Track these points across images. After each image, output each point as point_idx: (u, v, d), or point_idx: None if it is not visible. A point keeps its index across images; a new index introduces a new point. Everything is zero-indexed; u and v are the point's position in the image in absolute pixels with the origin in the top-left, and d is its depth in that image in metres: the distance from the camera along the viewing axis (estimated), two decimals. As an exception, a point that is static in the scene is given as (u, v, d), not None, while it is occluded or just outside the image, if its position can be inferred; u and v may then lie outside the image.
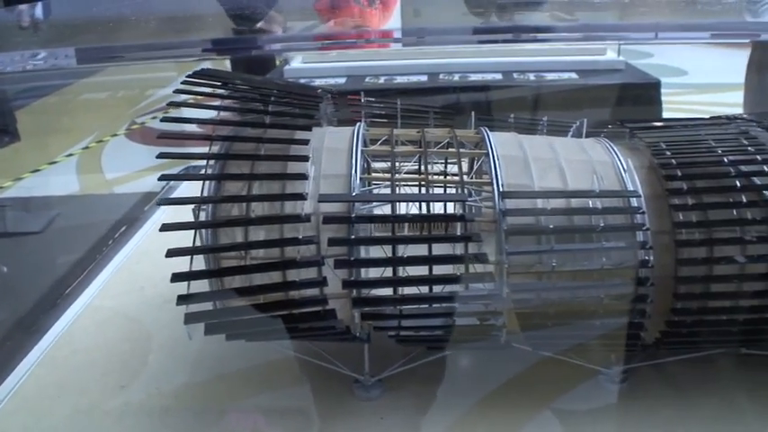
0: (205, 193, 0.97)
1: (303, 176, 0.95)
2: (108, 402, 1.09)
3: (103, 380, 1.14)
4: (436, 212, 0.96)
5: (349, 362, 1.09)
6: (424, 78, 2.31)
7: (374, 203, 0.97)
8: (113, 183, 2.54)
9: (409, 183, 1.02)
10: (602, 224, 0.93)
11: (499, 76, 2.30)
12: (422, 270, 0.93)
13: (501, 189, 0.95)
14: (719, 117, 1.17)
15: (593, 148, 1.05)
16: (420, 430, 1.01)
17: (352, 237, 0.91)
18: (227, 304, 0.95)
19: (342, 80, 2.30)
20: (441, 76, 2.32)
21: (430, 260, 0.91)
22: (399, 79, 2.30)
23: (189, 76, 1.07)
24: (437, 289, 0.94)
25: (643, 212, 0.93)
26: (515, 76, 2.30)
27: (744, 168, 0.97)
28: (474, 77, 2.31)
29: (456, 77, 2.31)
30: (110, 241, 1.58)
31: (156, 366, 1.17)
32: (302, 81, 2.33)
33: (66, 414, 1.07)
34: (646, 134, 1.05)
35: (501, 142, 1.04)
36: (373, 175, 0.99)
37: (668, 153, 1.00)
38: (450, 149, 1.03)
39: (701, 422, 1.02)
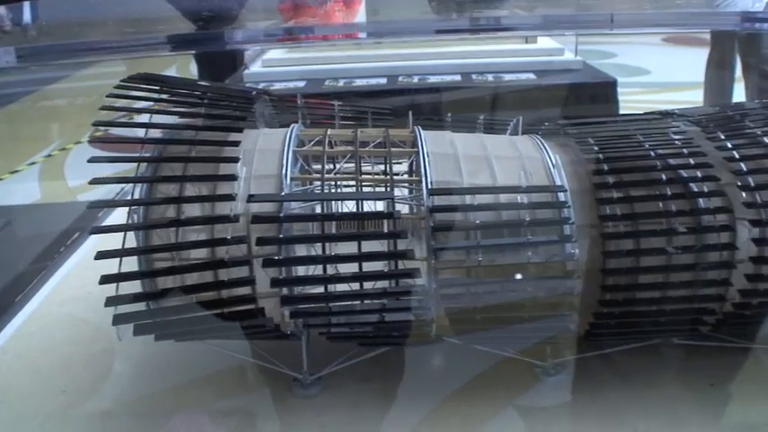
0: (137, 196, 0.97)
1: (233, 177, 0.95)
2: (49, 407, 1.09)
3: (46, 384, 1.14)
4: (369, 211, 0.97)
5: (291, 361, 1.09)
6: (383, 81, 2.32)
7: (309, 203, 0.98)
8: (76, 191, 2.53)
9: (341, 182, 1.03)
10: (527, 219, 0.94)
11: (458, 78, 2.31)
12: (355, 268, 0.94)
13: (429, 186, 0.96)
14: (653, 113, 1.19)
15: (524, 145, 1.06)
16: (357, 427, 1.02)
17: (281, 236, 0.92)
18: (159, 305, 0.95)
19: (301, 83, 2.31)
20: (400, 79, 2.33)
21: (356, 258, 0.92)
22: (359, 82, 2.30)
23: (123, 81, 1.07)
24: (368, 286, 0.95)
25: (569, 206, 0.95)
26: (474, 77, 2.32)
27: (670, 162, 0.99)
28: (433, 79, 2.32)
29: (415, 80, 2.32)
30: (61, 248, 1.58)
31: (99, 370, 1.17)
32: (262, 85, 2.33)
33: (7, 419, 1.07)
34: (575, 130, 1.07)
35: (433, 141, 1.05)
36: (304, 175, 1.00)
37: (596, 148, 1.02)
38: (381, 149, 1.03)
39: (640, 413, 1.03)
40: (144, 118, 1.02)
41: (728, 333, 1.11)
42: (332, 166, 1.14)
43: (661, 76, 2.99)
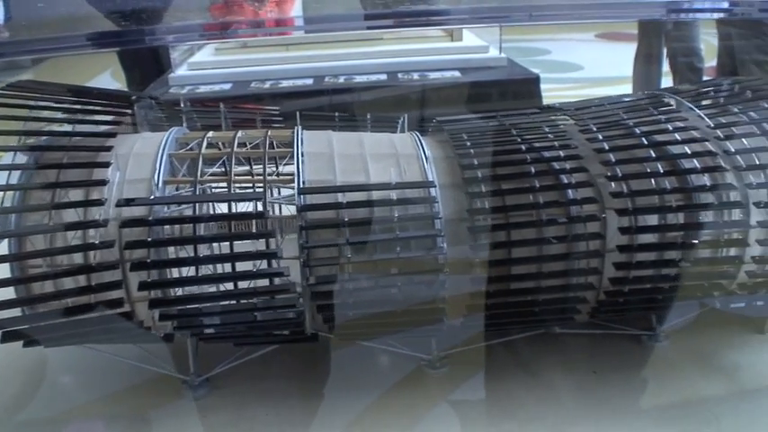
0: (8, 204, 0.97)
1: (102, 183, 0.95)
2: None
3: None
4: (238, 212, 0.97)
5: (182, 363, 1.09)
6: (309, 82, 2.32)
7: (187, 205, 0.99)
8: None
9: (214, 183, 1.03)
10: (396, 215, 0.95)
11: (384, 77, 2.32)
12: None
13: (301, 186, 0.96)
14: (534, 108, 1.21)
15: (401, 143, 1.07)
16: (242, 427, 1.02)
17: (149, 239, 0.92)
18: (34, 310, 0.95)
19: (227, 86, 2.30)
20: (326, 79, 2.33)
21: (225, 258, 0.92)
22: (285, 83, 2.30)
23: (2, 89, 1.06)
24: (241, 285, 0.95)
25: (436, 201, 0.96)
26: (400, 76, 2.33)
27: (541, 155, 1.00)
28: (359, 79, 2.33)
29: (341, 80, 2.32)
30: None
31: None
32: (187, 88, 2.32)
33: None
34: (451, 126, 1.08)
35: (311, 141, 1.05)
36: (177, 178, 1.00)
37: (468, 144, 1.03)
38: (257, 150, 1.04)
39: (523, 402, 1.05)
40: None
41: (611, 320, 1.13)
42: (224, 169, 1.14)
43: (594, 71, 3.04)
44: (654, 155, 1.01)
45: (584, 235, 0.97)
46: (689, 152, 1.02)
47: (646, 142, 1.03)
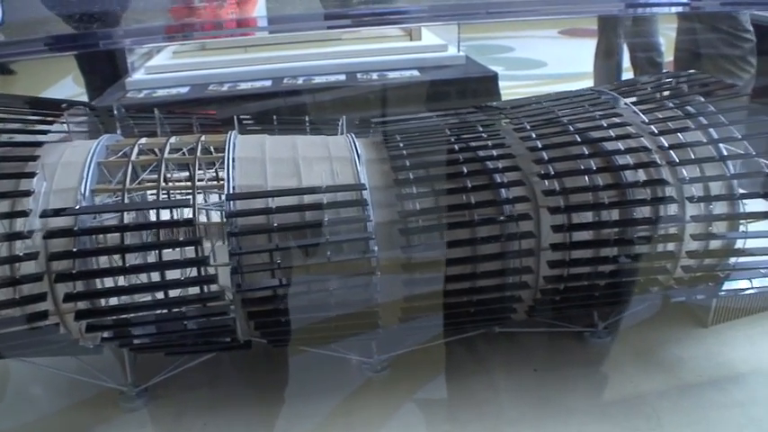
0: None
1: (27, 193, 0.94)
2: None
3: None
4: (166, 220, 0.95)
5: (121, 374, 1.07)
6: (268, 83, 2.30)
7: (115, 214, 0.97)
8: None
9: (142, 190, 1.01)
10: (326, 219, 0.94)
11: (343, 77, 2.31)
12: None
13: (230, 191, 0.95)
14: (477, 107, 1.20)
15: (336, 145, 1.06)
16: (179, 437, 1.01)
17: (74, 249, 0.90)
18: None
19: (184, 89, 2.28)
20: (285, 80, 2.32)
21: (152, 267, 0.91)
22: (243, 85, 2.28)
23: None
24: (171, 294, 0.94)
25: (366, 204, 0.95)
26: (359, 76, 2.32)
27: (473, 154, 1.00)
28: (318, 80, 2.31)
29: (300, 81, 2.31)
30: None
31: None
32: (144, 92, 2.30)
33: None
34: (385, 128, 1.07)
35: (243, 145, 1.04)
36: (104, 186, 0.98)
37: (401, 145, 1.02)
38: (189, 156, 1.02)
39: (462, 403, 1.04)
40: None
41: (554, 318, 1.13)
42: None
43: (557, 67, 3.04)
44: (587, 152, 1.01)
45: (517, 234, 0.96)
46: (622, 148, 1.02)
47: (579, 139, 1.02)
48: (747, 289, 1.08)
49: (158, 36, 1.73)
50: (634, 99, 1.12)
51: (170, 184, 1.10)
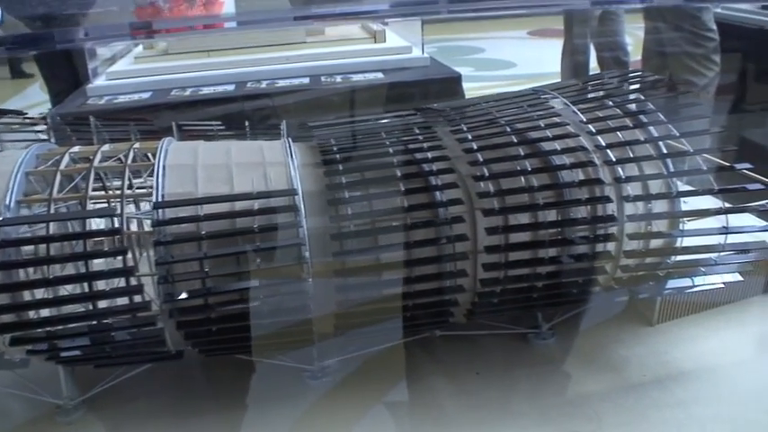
0: None
1: (-52, 205, 0.92)
2: None
3: None
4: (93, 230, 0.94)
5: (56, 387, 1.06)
6: (231, 87, 2.29)
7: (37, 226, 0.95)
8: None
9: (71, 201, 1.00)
10: (256, 226, 0.93)
11: (307, 81, 2.30)
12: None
13: (158, 199, 0.94)
14: (418, 109, 1.19)
15: (271, 151, 1.05)
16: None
17: (-2, 261, 0.89)
18: None
19: (146, 95, 2.26)
20: (248, 84, 2.31)
21: (78, 278, 0.89)
22: (206, 90, 2.27)
23: None
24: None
25: (296, 210, 0.94)
26: (323, 79, 2.31)
27: (408, 157, 0.99)
28: (282, 83, 2.30)
29: (263, 85, 2.30)
30: None
31: None
32: (106, 98, 2.28)
33: None
34: (321, 131, 1.06)
35: (176, 152, 1.03)
36: (30, 197, 0.97)
37: (335, 149, 1.01)
38: (120, 164, 1.01)
39: (404, 408, 1.03)
40: None
41: (498, 320, 1.12)
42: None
43: (526, 68, 3.04)
44: (523, 153, 1.00)
45: (451, 237, 0.95)
46: (559, 148, 1.01)
47: (515, 140, 1.02)
48: (690, 287, 1.07)
49: (123, 34, 1.72)
50: (574, 99, 1.11)
51: (105, 192, 1.08)
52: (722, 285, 1.11)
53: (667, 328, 1.19)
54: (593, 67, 2.79)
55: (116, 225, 0.93)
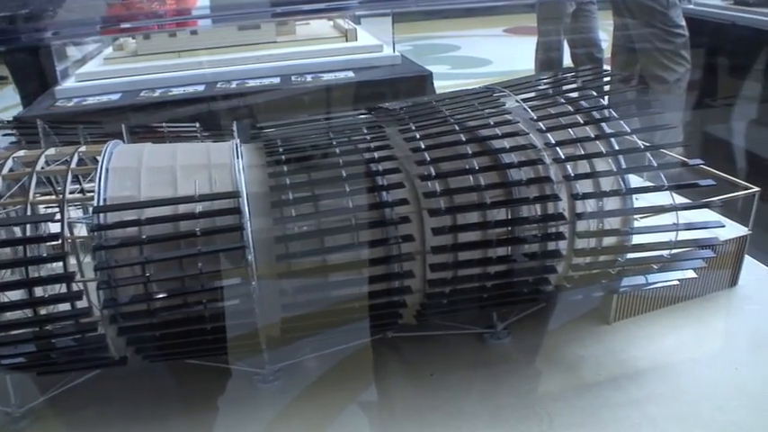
0: None
1: None
2: None
3: None
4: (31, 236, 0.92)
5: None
6: (201, 88, 2.28)
7: None
8: None
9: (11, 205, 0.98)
10: (198, 229, 0.92)
11: (277, 81, 2.29)
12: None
13: (99, 204, 0.92)
14: (370, 109, 1.18)
15: (218, 152, 1.04)
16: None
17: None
18: None
19: (115, 96, 2.24)
20: (219, 85, 2.29)
21: (16, 285, 0.88)
22: (176, 91, 2.25)
23: None
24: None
25: (238, 213, 0.92)
26: (293, 78, 2.30)
27: (356, 157, 0.98)
28: (252, 83, 2.29)
29: (234, 85, 2.29)
30: None
31: None
32: (75, 101, 2.26)
33: None
34: (269, 132, 1.05)
35: (120, 155, 1.01)
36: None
37: (280, 149, 1.00)
38: (62, 168, 0.99)
39: (355, 412, 1.02)
40: None
41: (454, 320, 1.11)
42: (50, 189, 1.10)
43: (501, 65, 3.04)
44: (471, 151, 0.99)
45: (396, 238, 0.94)
46: (507, 146, 1.00)
47: (463, 138, 1.01)
48: (644, 285, 1.06)
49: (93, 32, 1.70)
50: (526, 96, 1.10)
51: (54, 197, 1.07)
52: (677, 282, 1.10)
53: (624, 326, 1.18)
54: (567, 63, 2.79)
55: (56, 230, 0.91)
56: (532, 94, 1.12)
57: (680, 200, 1.04)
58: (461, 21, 3.31)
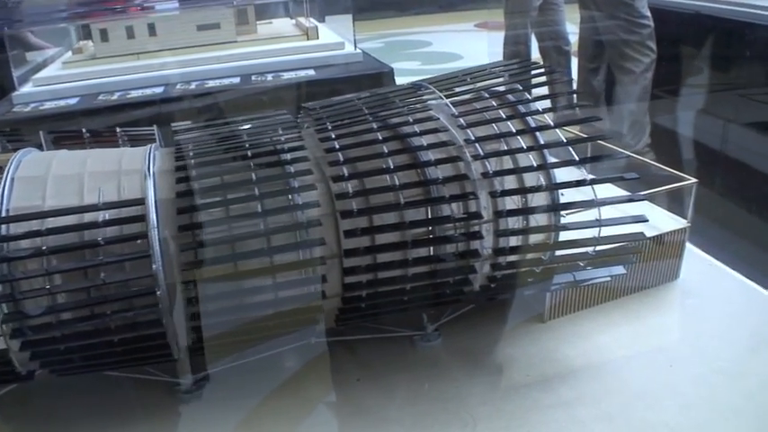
0: None
1: None
2: None
3: None
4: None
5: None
6: (160, 90, 2.25)
7: None
8: None
9: None
10: (101, 238, 0.89)
11: (237, 80, 2.26)
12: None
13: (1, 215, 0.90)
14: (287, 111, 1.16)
15: (130, 158, 1.01)
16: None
17: None
18: None
19: (74, 101, 2.21)
20: (178, 86, 2.26)
21: None
22: (134, 93, 2.23)
23: None
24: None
25: (142, 221, 0.90)
26: (253, 78, 2.27)
27: (268, 159, 0.96)
28: (212, 83, 2.26)
29: (193, 86, 2.26)
30: None
31: None
32: (32, 105, 2.24)
33: None
34: (182, 136, 1.02)
35: (29, 163, 0.99)
36: None
37: (191, 154, 0.97)
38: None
39: (282, 418, 1.00)
40: None
41: (383, 323, 1.09)
42: None
43: (472, 60, 3.01)
44: (388, 150, 0.97)
45: (307, 242, 0.92)
46: (424, 144, 0.98)
47: (380, 137, 0.98)
48: (572, 283, 1.04)
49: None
50: (450, 92, 1.07)
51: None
52: (609, 278, 1.08)
53: (560, 324, 1.15)
54: (536, 57, 2.76)
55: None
56: (458, 90, 1.09)
57: (620, 193, 1.02)
58: (433, 17, 3.29)
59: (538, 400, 1.01)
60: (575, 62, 2.66)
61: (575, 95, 1.94)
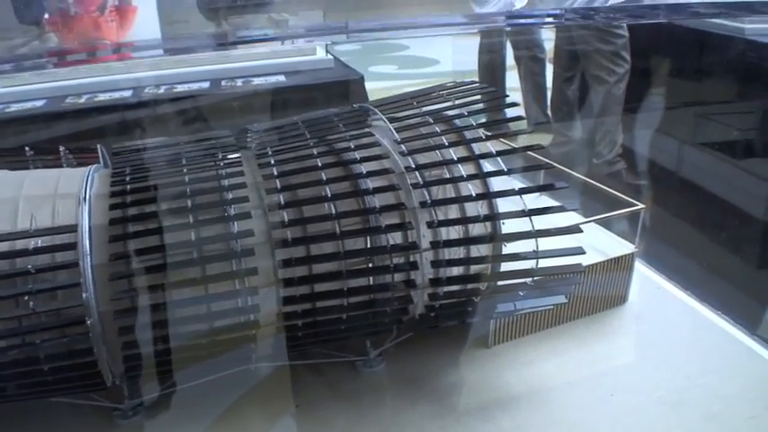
0: None
1: None
2: None
3: None
4: None
5: None
6: (128, 93, 2.23)
7: None
8: None
9: None
10: (30, 266, 0.88)
11: (207, 85, 2.24)
12: None
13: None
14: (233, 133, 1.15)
15: (68, 181, 1.00)
16: None
17: None
18: None
19: (40, 102, 2.19)
20: (147, 90, 2.24)
21: None
22: (102, 96, 2.20)
23: None
24: None
25: (73, 248, 0.89)
26: (223, 83, 2.25)
27: (205, 185, 0.95)
28: (181, 88, 2.24)
29: (162, 90, 2.24)
30: None
31: None
32: (-2, 108, 2.21)
33: None
34: (119, 159, 1.01)
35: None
36: None
37: (127, 179, 0.96)
38: None
39: None
40: None
41: (325, 348, 1.08)
42: None
43: (448, 65, 3.00)
44: (326, 177, 0.96)
45: (241, 271, 0.91)
46: (363, 172, 0.97)
47: (320, 164, 0.97)
48: (513, 311, 1.04)
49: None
50: (394, 116, 1.07)
51: None
52: (551, 306, 1.08)
53: (504, 349, 1.15)
54: (510, 65, 2.76)
55: None
56: (403, 114, 1.08)
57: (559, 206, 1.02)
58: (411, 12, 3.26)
59: (477, 429, 1.01)
60: (550, 70, 2.65)
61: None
